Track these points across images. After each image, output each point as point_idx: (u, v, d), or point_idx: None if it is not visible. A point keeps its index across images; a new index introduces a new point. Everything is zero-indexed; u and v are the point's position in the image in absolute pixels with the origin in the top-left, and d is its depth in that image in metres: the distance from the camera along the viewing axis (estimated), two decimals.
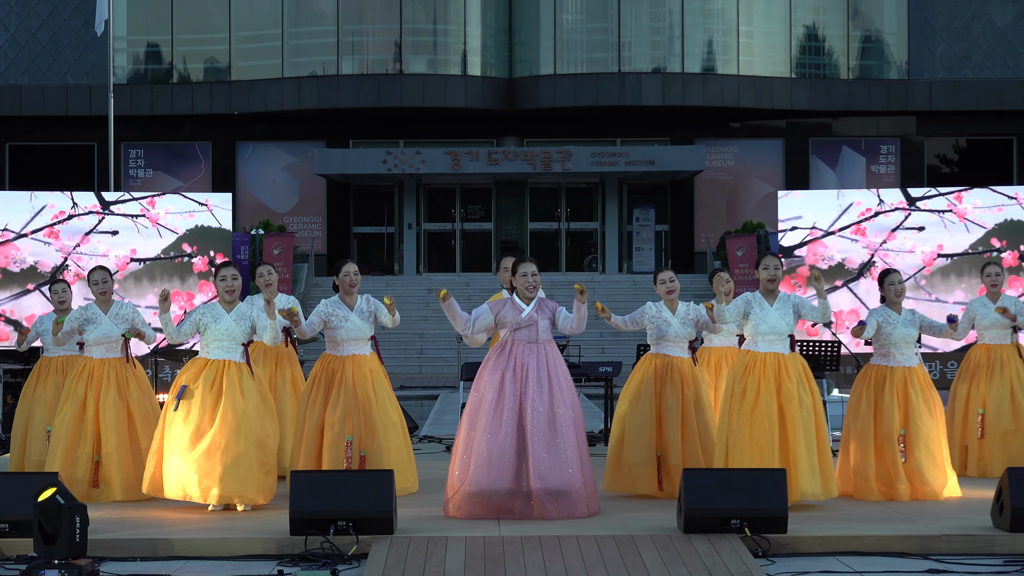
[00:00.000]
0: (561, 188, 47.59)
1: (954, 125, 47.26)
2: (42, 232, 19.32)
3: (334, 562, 10.69)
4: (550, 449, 12.12)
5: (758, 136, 47.49)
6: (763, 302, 12.91)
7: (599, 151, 44.85)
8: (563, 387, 12.33)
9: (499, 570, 10.24)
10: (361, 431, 13.31)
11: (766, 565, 10.63)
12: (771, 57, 45.91)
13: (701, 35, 45.48)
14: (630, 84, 45.12)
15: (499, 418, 12.20)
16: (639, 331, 13.98)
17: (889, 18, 46.87)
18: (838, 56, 46.59)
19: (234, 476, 12.53)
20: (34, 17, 46.32)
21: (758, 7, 45.79)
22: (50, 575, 10.01)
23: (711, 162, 46.41)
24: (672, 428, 13.49)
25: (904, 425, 13.47)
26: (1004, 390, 14.99)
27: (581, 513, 12.12)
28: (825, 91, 46.22)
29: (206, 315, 12.83)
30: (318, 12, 45.57)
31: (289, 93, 45.48)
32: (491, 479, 12.10)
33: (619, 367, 17.76)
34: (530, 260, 12.63)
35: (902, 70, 46.48)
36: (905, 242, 19.40)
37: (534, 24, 45.81)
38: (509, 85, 46.06)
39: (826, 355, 17.73)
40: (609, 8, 45.40)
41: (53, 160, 47.05)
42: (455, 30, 45.55)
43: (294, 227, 45.81)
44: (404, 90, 45.06)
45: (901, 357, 13.64)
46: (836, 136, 47.52)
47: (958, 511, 12.59)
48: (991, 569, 10.52)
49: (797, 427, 12.56)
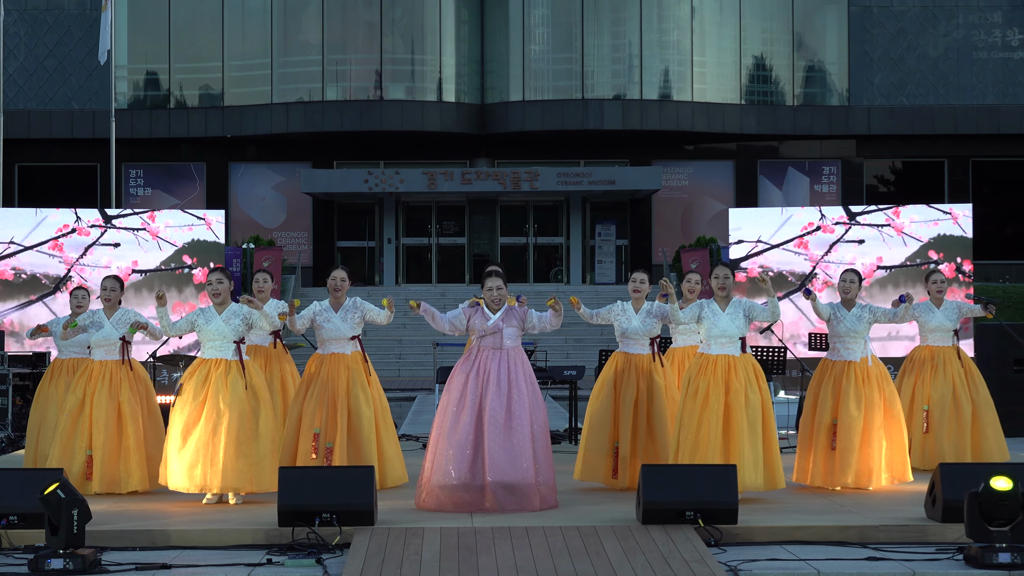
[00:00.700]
0: (529, 206, 47.59)
1: (890, 148, 47.39)
2: (47, 245, 19.25)
3: (319, 552, 10.67)
4: (504, 446, 12.16)
5: (710, 158, 47.56)
6: (716, 308, 12.97)
7: (564, 171, 44.87)
8: (523, 390, 12.37)
9: (471, 558, 10.23)
10: (328, 424, 13.38)
11: (718, 553, 10.64)
12: (722, 85, 45.98)
13: (658, 65, 45.53)
14: (593, 110, 45.15)
15: (459, 417, 12.31)
16: (602, 337, 14.02)
17: (831, 49, 46.99)
18: (784, 84, 46.69)
19: (219, 468, 12.60)
20: (42, 47, 46.17)
21: (710, 39, 45.87)
22: (55, 564, 9.99)
23: (667, 182, 46.45)
24: (626, 420, 13.55)
25: (836, 415, 13.55)
26: (947, 389, 15.07)
27: (534, 507, 12.14)
28: (772, 116, 46.31)
29: (200, 317, 12.97)
30: (305, 43, 45.52)
31: (278, 118, 45.42)
32: (451, 472, 12.17)
33: (583, 371, 17.77)
34: (497, 275, 12.70)
35: (843, 97, 46.59)
36: (846, 255, 19.43)
37: (504, 54, 45.82)
38: (481, 111, 46.07)
39: (773, 360, 17.76)
40: (573, 40, 45.43)
41: (59, 180, 46.89)
42: (431, 60, 45.53)
43: (282, 241, 45.76)
44: (384, 115, 45.03)
45: (845, 352, 13.71)
46: (782, 158, 47.62)
47: (895, 503, 12.63)
48: (924, 556, 10.55)
49: (742, 424, 12.61)
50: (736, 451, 12.56)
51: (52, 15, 46.31)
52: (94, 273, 18.96)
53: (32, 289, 19.19)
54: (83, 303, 14.91)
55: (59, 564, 9.97)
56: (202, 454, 12.61)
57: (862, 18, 46.45)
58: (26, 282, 19.26)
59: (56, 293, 19.17)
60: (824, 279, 19.27)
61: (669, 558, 10.18)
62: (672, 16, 45.48)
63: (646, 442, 13.59)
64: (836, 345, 13.77)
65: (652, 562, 10.09)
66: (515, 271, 45.46)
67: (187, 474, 12.66)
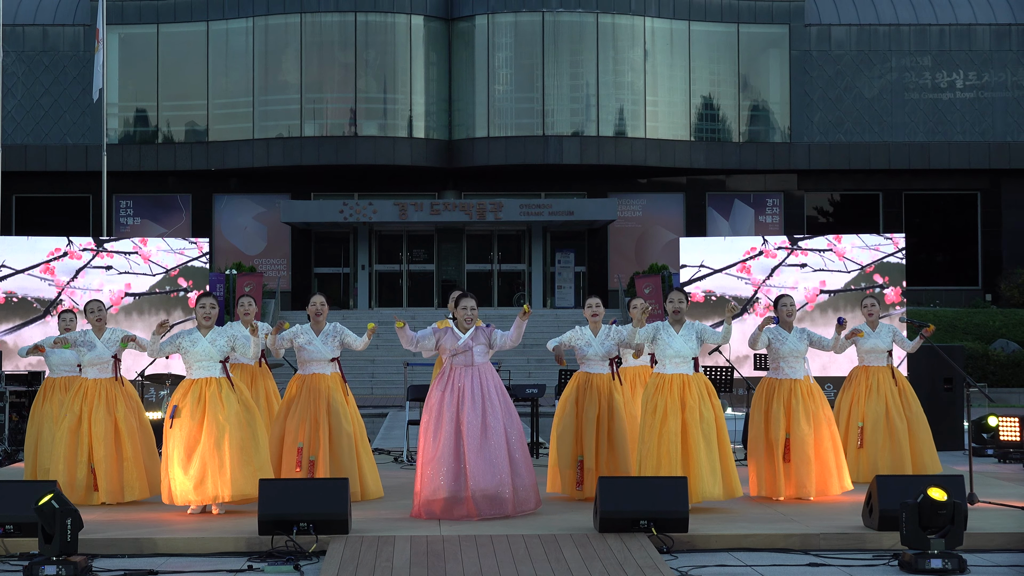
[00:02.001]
0: (494, 235, 47.58)
1: (829, 182, 47.58)
2: (38, 268, 19.13)
3: (297, 558, 10.65)
4: (482, 455, 12.19)
5: (662, 191, 47.65)
6: (670, 330, 13.00)
7: (526, 203, 44.89)
8: (495, 403, 12.40)
9: (440, 564, 10.22)
10: (311, 439, 13.39)
11: (670, 560, 10.65)
12: (673, 123, 46.10)
13: (614, 104, 45.63)
14: (552, 146, 45.20)
15: (440, 431, 12.31)
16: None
17: (774, 90, 47.17)
18: (731, 122, 46.84)
19: (228, 478, 12.54)
20: (38, 86, 45.99)
21: (662, 80, 45.99)
22: (49, 571, 9.92)
23: (622, 213, 46.52)
24: (589, 435, 13.57)
25: (788, 430, 13.56)
26: (880, 407, 15.09)
27: (510, 512, 12.16)
28: (719, 152, 46.45)
29: (185, 340, 12.90)
30: (284, 82, 45.46)
31: (259, 152, 45.33)
32: (439, 485, 12.20)
33: (544, 389, 17.76)
34: (470, 296, 12.77)
35: (785, 134, 46.76)
36: (788, 279, 19.44)
37: (470, 94, 45.85)
38: (449, 146, 46.06)
39: (722, 378, 17.78)
40: (535, 81, 45.49)
41: (54, 210, 46.70)
42: (402, 99, 45.52)
43: (263, 268, 45.67)
44: (358, 150, 44.99)
45: (789, 370, 13.74)
46: (729, 191, 47.75)
47: (834, 513, 12.65)
48: (862, 562, 10.58)
49: (698, 438, 12.63)
50: (694, 464, 12.59)
51: (48, 56, 46.15)
52: (85, 296, 18.84)
53: (25, 312, 19.07)
54: (71, 325, 14.86)
55: (52, 571, 9.90)
56: (210, 468, 12.53)
57: (803, 61, 46.66)
58: (18, 305, 19.14)
59: (47, 316, 19.04)
60: (766, 303, 19.28)
61: (624, 564, 10.18)
62: (626, 59, 45.61)
63: (607, 456, 13.62)
64: (780, 364, 13.78)
65: (608, 567, 10.09)
66: (481, 295, 45.13)
67: (197, 489, 12.57)
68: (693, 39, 46.35)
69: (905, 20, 46.91)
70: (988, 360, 34.27)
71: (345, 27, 45.19)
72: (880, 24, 46.82)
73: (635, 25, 45.59)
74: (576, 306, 45.59)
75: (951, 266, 47.75)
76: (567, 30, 45.39)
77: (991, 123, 46.63)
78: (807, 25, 46.67)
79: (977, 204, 47.90)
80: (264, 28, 45.49)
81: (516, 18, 45.48)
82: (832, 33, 46.78)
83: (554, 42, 45.35)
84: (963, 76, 46.81)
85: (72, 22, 46.30)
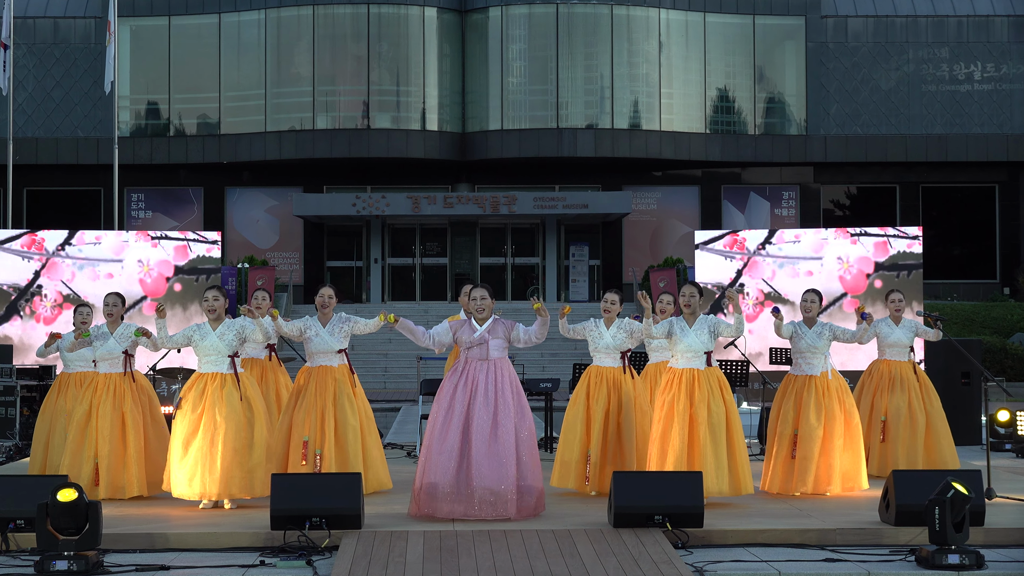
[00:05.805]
0: (507, 228, 47.59)
1: (845, 174, 47.52)
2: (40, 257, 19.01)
3: (309, 553, 10.65)
4: (489, 454, 11.97)
5: (677, 183, 47.63)
6: (684, 324, 12.98)
7: (540, 196, 44.89)
8: (508, 400, 12.18)
9: (453, 559, 10.20)
10: (317, 433, 13.36)
11: (685, 555, 10.63)
12: (689, 115, 46.07)
13: (628, 96, 45.60)
14: (567, 138, 45.19)
15: (448, 425, 12.13)
16: (576, 351, 14.02)
17: (790, 82, 47.10)
18: (746, 114, 46.79)
19: (217, 477, 12.60)
20: (49, 79, 46.06)
21: (677, 72, 45.96)
22: (60, 565, 9.93)
23: (637, 206, 46.51)
24: (597, 430, 13.54)
25: (797, 426, 13.57)
26: (903, 401, 15.06)
27: (512, 515, 11.92)
28: (735, 145, 46.40)
29: (196, 333, 12.94)
30: (296, 75, 45.49)
31: (271, 145, 45.37)
32: (439, 481, 11.99)
33: (558, 383, 17.75)
34: (483, 286, 12.68)
35: (801, 127, 46.70)
36: (801, 270, 19.33)
37: (484, 86, 45.85)
38: (462, 139, 46.07)
39: (737, 373, 17.75)
40: (549, 73, 45.48)
41: (65, 203, 46.80)
42: (415, 91, 45.52)
43: (275, 261, 45.71)
44: (371, 143, 45.02)
45: (806, 366, 13.76)
46: (744, 184, 47.71)
47: (851, 508, 12.63)
48: (878, 558, 10.56)
49: (705, 434, 12.63)
50: (699, 459, 12.57)
51: (59, 48, 46.21)
52: (102, 287, 18.57)
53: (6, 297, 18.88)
54: (87, 320, 14.83)
55: (64, 565, 9.91)
56: (201, 464, 12.62)
57: (819, 53, 46.58)
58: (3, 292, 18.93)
59: (34, 300, 18.82)
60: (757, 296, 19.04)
61: (639, 559, 10.17)
62: (641, 51, 45.57)
63: (615, 450, 13.59)
64: (798, 360, 13.81)
65: (623, 563, 10.07)
66: (494, 289, 45.17)
67: (188, 483, 12.67)
68: (708, 31, 46.31)
69: (923, 12, 46.81)
70: (1006, 354, 34.17)
71: (358, 19, 45.20)
72: (897, 15, 46.71)
73: (650, 17, 45.54)
74: (590, 300, 45.58)
75: (969, 259, 47.66)
76: (581, 22, 45.36)
77: (1009, 115, 46.52)
78: (823, 17, 46.58)
79: (995, 197, 47.80)
80: (276, 20, 45.50)
81: (530, 10, 45.46)
82: (849, 25, 46.69)
83: (568, 34, 45.32)
84: (981, 68, 46.70)
85: (83, 14, 46.35)
